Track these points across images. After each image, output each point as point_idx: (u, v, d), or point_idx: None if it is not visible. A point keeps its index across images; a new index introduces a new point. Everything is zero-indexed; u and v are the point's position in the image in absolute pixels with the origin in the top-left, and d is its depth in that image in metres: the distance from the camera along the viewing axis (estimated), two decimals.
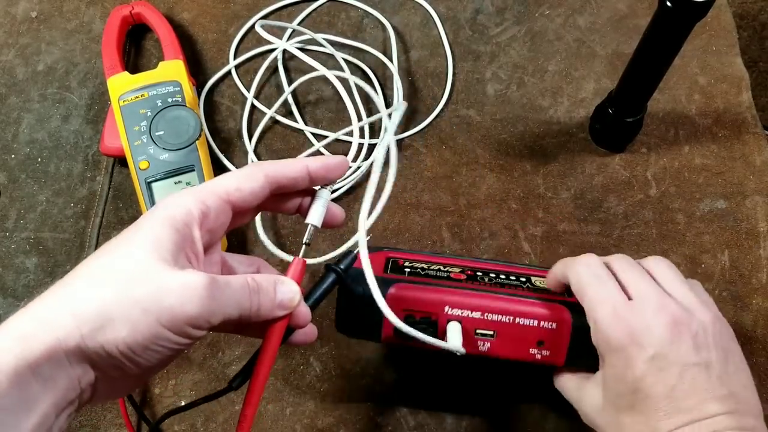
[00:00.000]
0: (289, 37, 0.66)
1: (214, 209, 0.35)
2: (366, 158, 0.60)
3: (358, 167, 0.59)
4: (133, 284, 0.31)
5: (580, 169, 0.59)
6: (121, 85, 0.58)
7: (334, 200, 0.59)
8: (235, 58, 0.65)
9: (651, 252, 0.56)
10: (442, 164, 0.60)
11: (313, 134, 0.62)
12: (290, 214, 0.41)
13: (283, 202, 0.39)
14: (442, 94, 0.63)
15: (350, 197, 0.59)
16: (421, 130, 0.61)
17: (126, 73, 0.59)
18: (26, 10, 0.68)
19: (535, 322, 0.43)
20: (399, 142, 0.61)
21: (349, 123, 0.62)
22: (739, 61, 0.63)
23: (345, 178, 0.59)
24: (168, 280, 0.31)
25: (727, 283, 0.55)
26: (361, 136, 0.61)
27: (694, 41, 0.63)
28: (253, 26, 0.66)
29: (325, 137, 0.61)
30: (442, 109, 0.62)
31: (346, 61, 0.64)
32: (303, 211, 0.40)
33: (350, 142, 0.61)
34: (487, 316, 0.43)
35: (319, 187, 0.40)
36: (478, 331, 0.43)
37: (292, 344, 0.39)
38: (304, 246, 0.39)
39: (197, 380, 0.53)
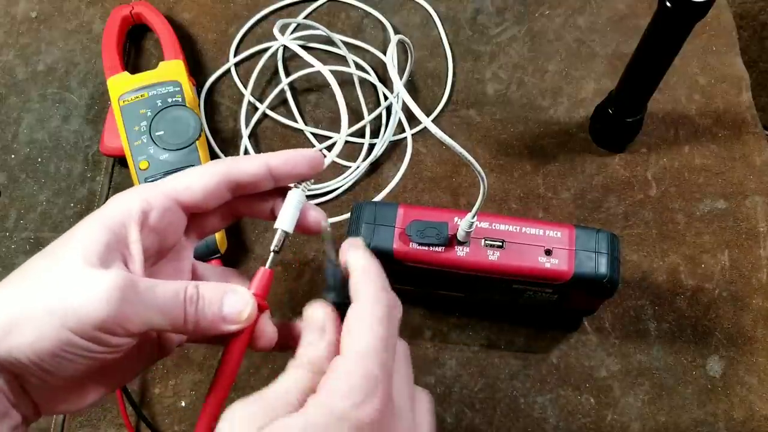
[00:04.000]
0: (292, 36, 0.66)
1: (157, 207, 0.32)
2: (365, 158, 0.60)
3: (357, 167, 0.60)
4: (42, 286, 0.29)
5: (580, 169, 0.59)
6: (121, 85, 0.58)
7: (326, 203, 0.59)
8: (234, 57, 0.65)
9: (651, 252, 0.56)
10: (442, 164, 0.60)
11: (313, 134, 0.62)
12: (265, 220, 0.36)
13: (253, 205, 0.36)
14: (442, 94, 0.63)
15: (349, 196, 0.59)
16: (421, 130, 0.61)
17: (126, 73, 0.59)
18: (26, 10, 0.68)
19: (541, 231, 0.45)
20: (399, 143, 0.61)
21: (350, 123, 0.61)
22: (739, 61, 0.63)
23: (344, 178, 0.59)
24: (77, 281, 0.28)
25: (727, 283, 0.55)
26: (362, 135, 0.61)
27: (694, 41, 0.63)
28: (253, 26, 0.66)
29: (325, 137, 0.62)
30: (442, 109, 0.62)
31: (346, 60, 0.64)
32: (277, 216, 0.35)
33: (355, 143, 0.61)
34: (495, 226, 0.45)
35: (293, 185, 0.35)
36: (486, 241, 0.45)
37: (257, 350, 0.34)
38: (272, 254, 0.34)
39: (197, 380, 0.53)
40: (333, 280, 0.33)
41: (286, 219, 0.34)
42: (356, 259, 0.33)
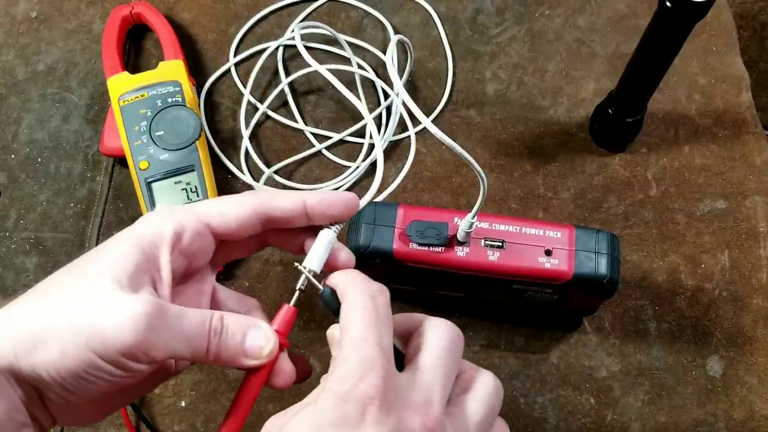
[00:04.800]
0: (292, 35, 0.66)
1: (189, 230, 0.32)
2: (365, 158, 0.60)
3: (357, 167, 0.60)
4: (68, 303, 0.28)
5: (580, 169, 0.59)
6: (121, 85, 0.58)
7: None
8: (234, 57, 0.65)
9: (651, 252, 0.56)
10: (442, 164, 0.60)
11: (313, 134, 0.62)
12: (293, 253, 0.37)
13: (286, 239, 0.36)
14: (442, 94, 0.63)
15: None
16: (421, 130, 0.61)
17: (126, 73, 0.59)
18: (26, 10, 0.68)
19: (541, 231, 0.45)
20: (398, 143, 0.61)
21: (350, 123, 0.62)
22: (739, 61, 0.63)
23: (343, 178, 0.59)
24: (106, 303, 0.28)
25: (727, 283, 0.55)
26: (361, 135, 0.61)
27: (694, 41, 0.63)
28: (253, 26, 0.66)
29: (325, 137, 0.62)
30: (442, 109, 0.62)
31: (346, 59, 0.64)
32: (307, 253, 0.35)
33: (355, 143, 0.61)
34: (495, 226, 0.45)
35: (328, 226, 0.35)
36: (486, 241, 0.45)
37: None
38: (297, 292, 0.34)
39: (197, 380, 0.53)
40: (332, 302, 0.34)
41: (315, 259, 0.34)
42: (336, 274, 0.34)
